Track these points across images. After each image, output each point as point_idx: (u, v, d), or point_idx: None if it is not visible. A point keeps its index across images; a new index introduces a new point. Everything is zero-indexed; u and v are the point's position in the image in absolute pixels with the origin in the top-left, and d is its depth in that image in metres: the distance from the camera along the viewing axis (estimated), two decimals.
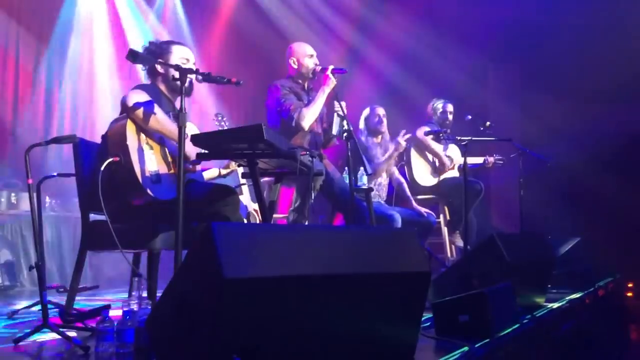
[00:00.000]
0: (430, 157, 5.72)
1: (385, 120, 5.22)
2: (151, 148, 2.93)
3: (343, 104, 4.14)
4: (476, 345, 2.22)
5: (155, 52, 3.17)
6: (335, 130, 4.25)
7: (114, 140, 2.86)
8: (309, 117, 4.12)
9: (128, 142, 2.81)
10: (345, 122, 4.03)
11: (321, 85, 4.16)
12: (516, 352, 2.55)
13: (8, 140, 6.06)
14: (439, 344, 2.36)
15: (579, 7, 6.60)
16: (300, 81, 4.35)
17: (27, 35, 6.36)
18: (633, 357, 5.09)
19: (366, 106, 5.35)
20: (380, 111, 5.23)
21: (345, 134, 3.97)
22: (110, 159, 2.77)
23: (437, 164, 5.71)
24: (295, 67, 4.33)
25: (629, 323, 5.45)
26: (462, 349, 2.14)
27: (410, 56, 7.61)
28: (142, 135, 2.91)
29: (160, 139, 3.01)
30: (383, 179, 5.22)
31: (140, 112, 2.87)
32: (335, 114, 4.21)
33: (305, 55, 4.32)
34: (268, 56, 7.27)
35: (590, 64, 6.57)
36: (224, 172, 4.31)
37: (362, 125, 5.26)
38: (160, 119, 2.92)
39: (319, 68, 4.24)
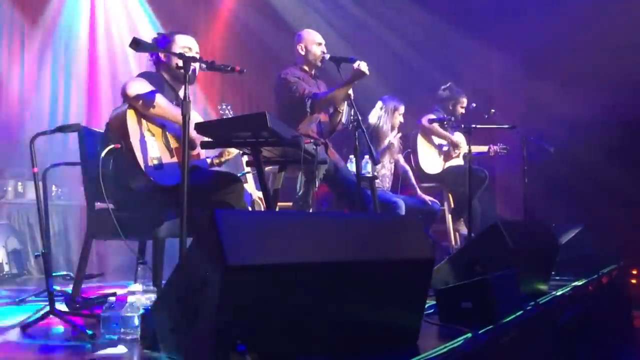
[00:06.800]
0: (436, 143, 5.70)
1: (388, 115, 5.16)
2: (153, 135, 2.95)
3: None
4: (479, 332, 2.22)
5: (159, 42, 3.19)
6: (344, 119, 4.25)
7: (115, 127, 2.88)
8: (323, 105, 4.13)
9: (129, 129, 2.83)
10: (353, 111, 4.03)
11: (346, 76, 3.99)
12: (519, 339, 2.55)
13: (14, 129, 6.08)
14: (442, 330, 2.36)
15: None
16: (306, 68, 4.35)
17: (32, 25, 6.37)
18: (636, 344, 5.10)
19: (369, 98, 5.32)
20: (390, 106, 5.19)
21: (353, 123, 3.98)
22: (112, 146, 2.79)
23: (445, 148, 5.69)
24: (303, 54, 4.33)
25: (633, 310, 5.44)
26: (466, 335, 2.14)
27: (414, 44, 7.57)
28: (144, 123, 2.93)
29: (162, 126, 3.02)
30: (386, 170, 5.21)
31: (140, 98, 2.88)
32: (345, 103, 4.20)
33: (314, 43, 4.31)
34: (271, 44, 7.27)
35: (595, 51, 6.52)
36: (216, 161, 4.31)
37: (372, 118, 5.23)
38: (162, 104, 2.93)
39: (327, 56, 4.22)
